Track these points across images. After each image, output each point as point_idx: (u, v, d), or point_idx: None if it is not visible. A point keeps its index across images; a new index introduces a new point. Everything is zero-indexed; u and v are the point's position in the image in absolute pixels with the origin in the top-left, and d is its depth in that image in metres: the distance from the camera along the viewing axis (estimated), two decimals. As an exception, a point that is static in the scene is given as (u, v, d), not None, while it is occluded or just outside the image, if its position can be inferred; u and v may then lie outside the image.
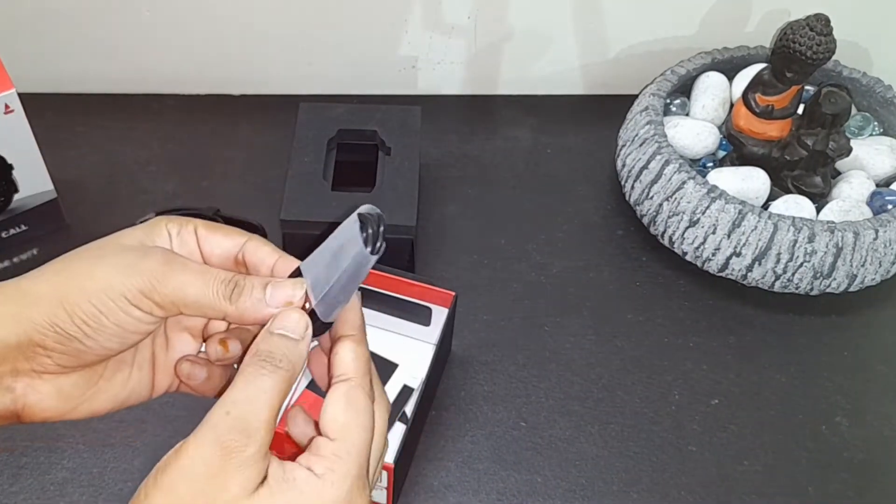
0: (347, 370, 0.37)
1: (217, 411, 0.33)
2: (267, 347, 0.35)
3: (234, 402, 0.33)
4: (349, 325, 0.38)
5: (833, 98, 0.67)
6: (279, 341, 0.35)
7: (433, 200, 0.76)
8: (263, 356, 0.35)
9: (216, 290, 0.36)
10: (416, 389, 0.60)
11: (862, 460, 0.61)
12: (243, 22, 0.79)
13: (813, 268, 0.65)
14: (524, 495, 0.58)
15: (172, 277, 0.36)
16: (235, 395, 0.34)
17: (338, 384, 0.36)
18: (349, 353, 0.37)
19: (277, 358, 0.35)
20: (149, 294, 0.35)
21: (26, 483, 0.57)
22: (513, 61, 0.84)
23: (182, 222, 0.39)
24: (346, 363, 0.37)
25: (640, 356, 0.66)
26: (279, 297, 0.37)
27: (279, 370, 0.34)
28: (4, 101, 0.62)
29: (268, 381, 0.34)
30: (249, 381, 0.34)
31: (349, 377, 0.37)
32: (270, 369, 0.34)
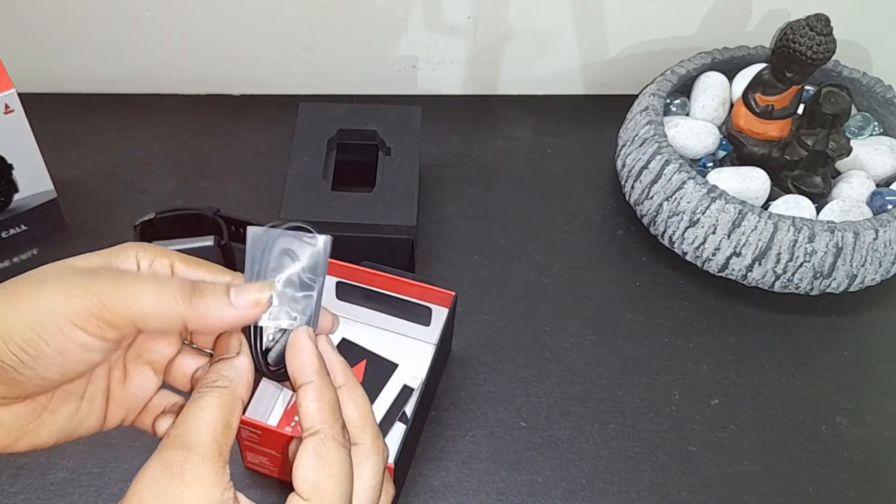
0: (313, 422, 0.35)
1: (166, 440, 0.34)
2: (207, 376, 0.35)
3: (175, 426, 0.34)
4: (304, 370, 0.36)
5: (833, 98, 0.67)
6: (218, 366, 0.35)
7: (433, 200, 0.76)
8: (201, 386, 0.34)
9: (173, 294, 0.34)
10: (416, 389, 0.60)
11: (862, 460, 0.61)
12: (243, 22, 0.79)
13: (813, 268, 0.65)
14: (524, 495, 0.58)
15: (124, 290, 0.33)
16: (178, 420, 0.34)
17: (306, 439, 0.35)
18: (311, 404, 0.35)
19: (213, 378, 0.34)
20: (99, 313, 0.33)
21: (26, 483, 0.57)
22: (513, 61, 0.84)
23: (156, 254, 0.36)
24: (311, 414, 0.35)
25: (640, 356, 0.66)
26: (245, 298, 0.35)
27: (216, 388, 0.34)
28: (4, 101, 0.62)
29: (206, 399, 0.34)
30: (190, 406, 0.34)
31: (316, 429, 0.35)
32: (207, 390, 0.34)
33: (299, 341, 0.36)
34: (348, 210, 0.64)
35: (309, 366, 0.36)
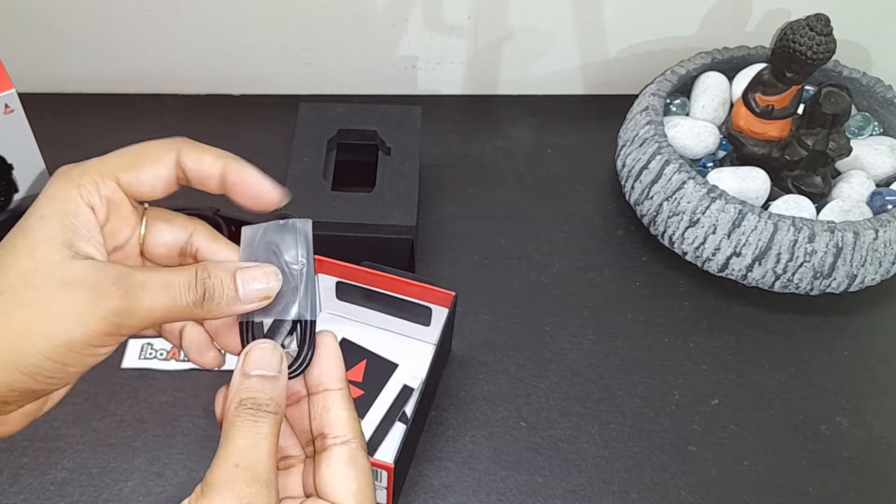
0: (345, 430, 0.35)
1: (224, 466, 0.32)
2: (250, 394, 0.34)
3: (240, 453, 0.32)
4: (334, 376, 0.36)
5: (833, 98, 0.67)
6: (259, 384, 0.34)
7: (433, 200, 0.76)
8: (250, 404, 0.33)
9: (186, 301, 0.33)
10: (416, 389, 0.60)
11: (862, 460, 0.61)
12: (243, 22, 0.79)
13: (813, 268, 0.65)
14: (524, 495, 0.58)
15: (137, 306, 0.33)
16: (238, 444, 0.33)
17: (338, 447, 0.35)
18: (343, 411, 0.35)
19: (264, 402, 0.34)
20: (115, 332, 0.33)
21: (26, 483, 0.57)
22: (513, 61, 0.84)
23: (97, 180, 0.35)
24: (342, 422, 0.35)
25: (640, 356, 0.66)
26: (253, 293, 0.35)
27: (269, 414, 0.33)
28: (4, 101, 0.62)
29: (264, 428, 0.33)
30: (248, 431, 0.33)
31: (349, 438, 0.35)
32: (262, 415, 0.33)
33: (329, 346, 0.37)
34: (348, 210, 0.64)
35: (339, 371, 0.36)
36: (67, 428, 0.59)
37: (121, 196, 0.35)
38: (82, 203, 0.34)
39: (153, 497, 0.56)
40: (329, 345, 0.37)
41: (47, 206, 0.34)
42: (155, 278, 0.33)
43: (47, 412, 0.38)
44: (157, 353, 0.63)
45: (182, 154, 0.37)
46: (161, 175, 0.36)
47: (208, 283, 0.34)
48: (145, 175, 0.36)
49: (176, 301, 0.33)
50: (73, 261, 0.33)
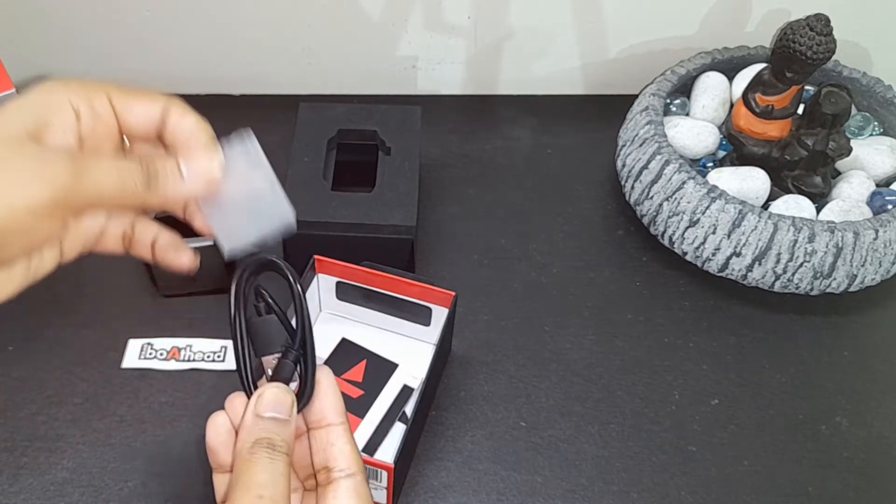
0: (349, 463, 0.37)
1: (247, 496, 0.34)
2: (266, 435, 0.36)
3: (262, 486, 0.34)
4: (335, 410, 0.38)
5: (833, 98, 0.67)
6: (272, 426, 0.36)
7: (433, 200, 0.76)
8: (266, 444, 0.35)
9: (133, 183, 0.34)
10: (416, 389, 0.60)
11: (862, 460, 0.61)
12: (243, 22, 0.79)
13: (813, 268, 0.65)
14: (524, 495, 0.58)
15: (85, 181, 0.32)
16: (259, 478, 0.34)
17: (343, 480, 0.37)
18: (346, 445, 0.37)
19: (278, 443, 0.35)
20: (62, 204, 0.32)
21: (26, 483, 0.57)
22: (513, 61, 0.84)
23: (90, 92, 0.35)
24: (346, 455, 0.37)
25: (640, 356, 0.66)
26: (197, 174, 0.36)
27: (283, 454, 0.35)
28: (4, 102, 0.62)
29: (280, 465, 0.35)
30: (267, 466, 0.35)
31: (353, 472, 0.37)
32: (277, 455, 0.35)
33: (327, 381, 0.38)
34: (348, 210, 0.64)
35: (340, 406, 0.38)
36: (67, 428, 0.59)
37: (110, 115, 0.36)
38: (68, 105, 0.34)
39: (153, 497, 0.56)
40: (327, 379, 0.38)
41: (29, 98, 0.34)
42: (106, 159, 0.34)
43: None
44: (157, 353, 0.63)
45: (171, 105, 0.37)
46: (150, 113, 0.36)
47: (152, 167, 0.35)
48: (137, 106, 0.36)
49: (124, 180, 0.33)
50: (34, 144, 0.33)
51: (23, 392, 0.61)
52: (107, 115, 0.35)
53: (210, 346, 0.63)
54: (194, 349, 0.63)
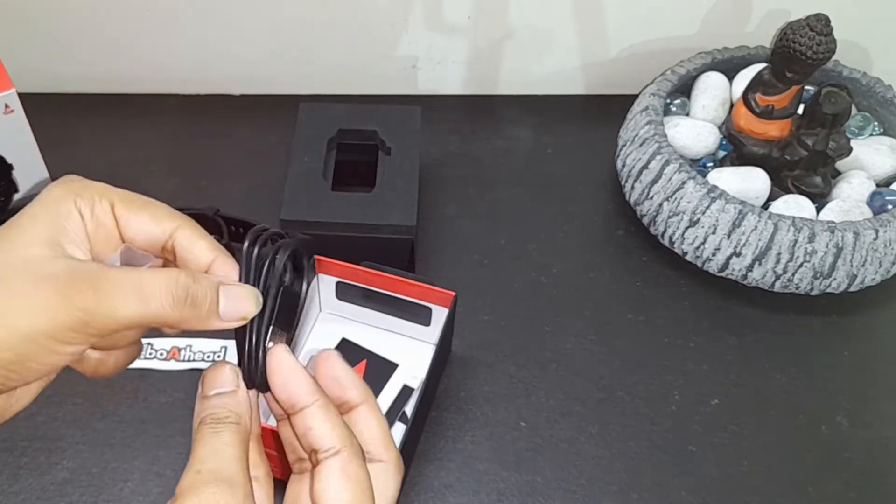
0: (332, 442, 0.35)
1: (188, 474, 0.32)
2: (209, 411, 0.34)
3: (201, 461, 0.33)
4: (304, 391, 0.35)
5: (833, 98, 0.67)
6: (218, 401, 0.35)
7: (433, 200, 0.76)
8: (209, 420, 0.34)
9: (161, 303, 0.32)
10: (416, 389, 0.60)
11: (862, 460, 0.61)
12: (243, 22, 0.79)
13: (813, 268, 0.65)
14: (524, 495, 0.58)
15: (107, 301, 0.31)
16: (199, 453, 0.33)
17: (329, 460, 0.34)
18: (323, 424, 0.35)
19: (223, 414, 0.34)
20: (83, 329, 0.31)
21: (26, 483, 0.57)
22: (513, 61, 0.84)
23: (94, 195, 0.35)
24: (326, 434, 0.35)
25: (640, 356, 0.66)
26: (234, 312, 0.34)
27: (229, 423, 0.34)
28: (4, 101, 0.62)
29: (224, 435, 0.33)
30: (207, 440, 0.33)
31: (337, 449, 0.34)
32: (222, 426, 0.34)
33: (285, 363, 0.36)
34: (348, 210, 0.64)
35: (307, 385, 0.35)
36: (67, 428, 0.59)
37: (111, 222, 0.35)
38: (75, 210, 0.34)
39: (153, 497, 0.56)
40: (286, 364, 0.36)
41: (41, 206, 0.34)
42: (130, 278, 0.32)
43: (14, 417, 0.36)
44: (157, 353, 0.63)
45: (180, 229, 0.36)
46: (150, 232, 0.36)
47: (192, 289, 0.33)
48: (136, 221, 0.35)
49: (149, 302, 0.32)
50: (56, 258, 0.32)
51: (23, 392, 0.61)
52: (108, 223, 0.35)
53: (210, 345, 0.63)
54: (194, 349, 0.63)
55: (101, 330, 0.32)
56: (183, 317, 0.33)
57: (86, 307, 0.31)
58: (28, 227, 0.33)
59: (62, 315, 0.31)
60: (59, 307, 0.31)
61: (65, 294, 0.31)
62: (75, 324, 0.31)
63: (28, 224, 0.33)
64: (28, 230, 0.33)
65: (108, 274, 0.32)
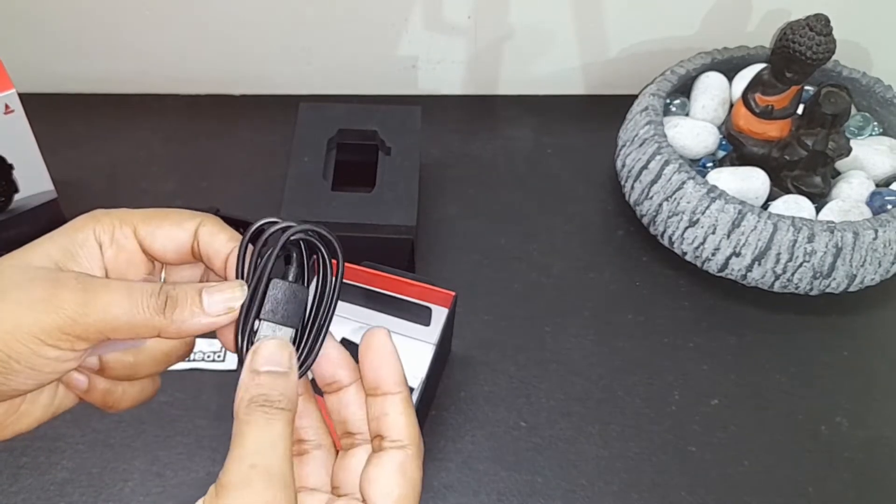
0: (401, 436, 0.34)
1: (240, 466, 0.31)
2: (261, 391, 0.33)
3: (255, 453, 0.31)
4: (393, 379, 0.35)
5: (833, 98, 0.67)
6: (269, 380, 0.33)
7: (433, 200, 0.76)
8: (261, 401, 0.32)
9: (146, 306, 0.32)
10: (416, 389, 0.60)
11: (862, 460, 0.61)
12: (243, 22, 0.79)
13: (812, 268, 0.65)
14: (524, 495, 0.58)
15: (93, 302, 0.32)
16: (253, 444, 0.31)
17: (392, 451, 0.34)
18: (400, 416, 0.35)
19: (276, 399, 0.33)
20: (69, 329, 0.31)
21: (26, 483, 0.57)
22: (513, 61, 0.84)
23: (115, 223, 0.35)
24: (399, 427, 0.35)
25: (640, 356, 0.66)
26: (218, 304, 0.34)
27: (282, 411, 0.32)
28: (4, 101, 0.62)
29: (278, 426, 0.32)
30: (262, 430, 0.32)
31: (405, 444, 0.34)
32: (275, 412, 0.32)
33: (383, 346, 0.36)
34: (348, 210, 0.64)
35: (398, 374, 0.36)
36: (67, 428, 0.59)
37: (133, 245, 0.35)
38: (92, 237, 0.34)
39: (153, 497, 0.56)
40: (384, 346, 0.36)
41: (60, 232, 0.34)
42: (118, 282, 0.33)
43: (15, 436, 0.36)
44: (157, 353, 0.63)
45: (202, 225, 0.36)
46: (176, 238, 0.35)
47: (171, 292, 0.33)
48: (161, 232, 0.35)
49: (136, 303, 0.32)
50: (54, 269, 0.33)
51: (23, 392, 0.61)
52: (130, 246, 0.35)
53: (210, 346, 0.64)
54: (194, 349, 0.63)
55: (88, 331, 0.32)
56: (169, 319, 0.33)
57: (73, 306, 0.31)
58: (40, 246, 0.34)
59: (48, 313, 0.31)
60: (45, 305, 0.31)
61: (52, 292, 0.31)
62: (61, 323, 0.31)
63: (42, 243, 0.34)
64: (38, 248, 0.34)
65: (96, 278, 0.33)
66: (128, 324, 0.32)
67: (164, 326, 0.33)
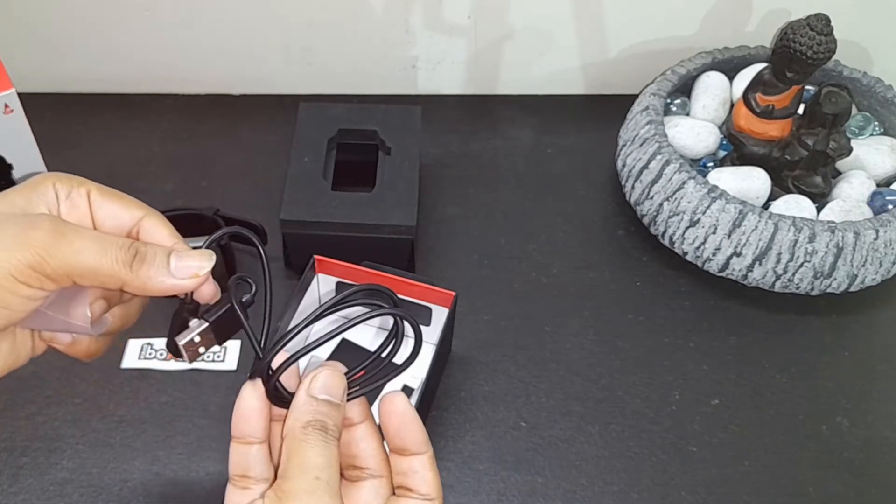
0: (430, 490, 0.37)
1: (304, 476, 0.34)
2: (319, 417, 0.35)
3: (318, 468, 0.34)
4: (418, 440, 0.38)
5: (833, 98, 0.67)
6: (326, 408, 0.36)
7: (433, 200, 0.76)
8: (319, 426, 0.35)
9: (115, 258, 0.34)
10: (416, 389, 0.60)
11: (862, 460, 0.61)
12: (243, 22, 0.79)
13: (813, 268, 0.65)
14: (524, 495, 0.58)
15: (65, 246, 0.33)
16: (315, 459, 0.34)
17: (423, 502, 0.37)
18: (430, 474, 0.38)
19: (331, 427, 0.35)
20: (39, 268, 0.33)
21: (26, 483, 0.57)
22: (513, 61, 0.84)
23: (73, 183, 0.37)
24: (429, 483, 0.38)
25: (640, 356, 0.66)
26: (185, 269, 0.36)
27: (335, 440, 0.35)
28: (4, 101, 0.62)
29: (333, 449, 0.35)
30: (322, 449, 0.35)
31: (433, 498, 0.37)
32: (330, 438, 0.35)
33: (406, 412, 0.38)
34: (348, 210, 0.64)
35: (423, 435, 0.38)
36: (67, 428, 0.59)
37: (86, 207, 0.37)
38: (52, 190, 0.36)
39: (153, 497, 0.56)
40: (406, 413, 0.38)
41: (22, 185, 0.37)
42: (90, 230, 0.35)
43: None
44: (157, 353, 0.63)
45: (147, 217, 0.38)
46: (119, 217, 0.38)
47: (141, 249, 0.35)
48: (109, 206, 0.38)
49: (105, 252, 0.34)
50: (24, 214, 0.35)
51: (23, 392, 0.61)
52: (83, 206, 0.37)
53: (210, 346, 0.63)
54: (194, 349, 0.63)
55: (56, 271, 0.33)
56: (135, 273, 0.35)
57: (44, 245, 0.33)
58: (6, 196, 0.36)
59: (20, 251, 0.33)
60: (18, 243, 0.33)
61: (25, 232, 0.33)
62: (31, 261, 0.33)
63: (7, 194, 0.36)
64: (4, 198, 0.35)
65: (69, 224, 0.35)
66: (94, 270, 0.34)
67: (129, 280, 0.35)
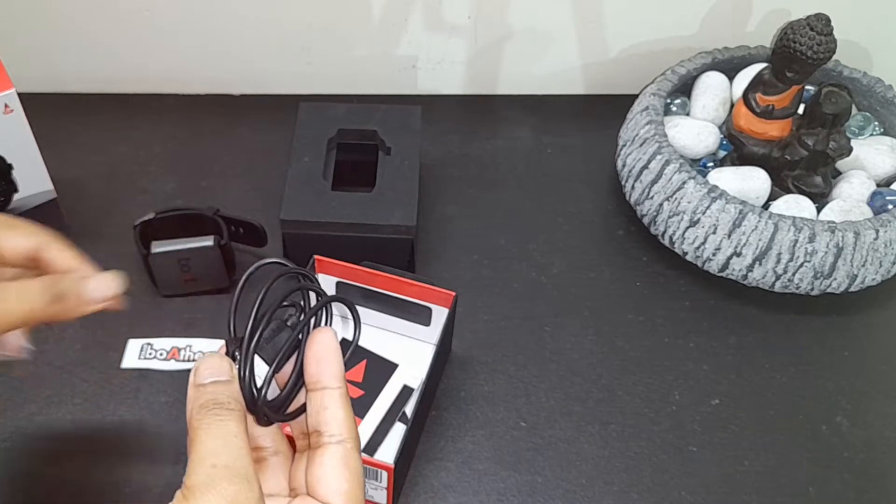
0: (340, 430, 0.36)
1: (201, 467, 0.32)
2: (210, 397, 0.34)
3: (213, 454, 0.32)
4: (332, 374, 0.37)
5: (833, 98, 0.67)
6: (215, 387, 0.35)
7: (433, 200, 0.76)
8: (212, 405, 0.34)
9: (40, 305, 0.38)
10: (416, 389, 0.60)
11: (862, 460, 0.61)
12: (243, 21, 0.79)
13: (813, 268, 0.65)
14: (524, 495, 0.58)
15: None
16: (210, 445, 0.33)
17: (332, 446, 0.36)
18: (340, 411, 0.36)
19: (225, 401, 0.34)
20: None
21: (26, 483, 0.57)
22: (513, 61, 0.84)
23: None
24: (339, 421, 0.36)
25: (640, 356, 0.66)
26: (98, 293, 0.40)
27: (233, 411, 0.34)
28: (4, 101, 0.62)
29: (232, 425, 0.33)
30: (216, 430, 0.33)
31: (344, 438, 0.36)
32: (226, 413, 0.34)
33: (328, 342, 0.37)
34: (348, 210, 0.64)
35: (338, 370, 0.37)
36: (67, 428, 0.59)
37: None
38: None
39: (153, 497, 0.56)
40: (329, 343, 0.37)
41: None
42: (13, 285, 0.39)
43: None
44: (157, 353, 0.63)
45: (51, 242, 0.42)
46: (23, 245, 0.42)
47: (60, 287, 0.39)
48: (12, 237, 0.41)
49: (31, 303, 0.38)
50: None
51: (23, 392, 0.61)
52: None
53: (210, 346, 0.63)
54: (194, 349, 0.63)
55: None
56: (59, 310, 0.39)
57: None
58: None
59: None
60: None
61: None
62: None
63: None
64: None
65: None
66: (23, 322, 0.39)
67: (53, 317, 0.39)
